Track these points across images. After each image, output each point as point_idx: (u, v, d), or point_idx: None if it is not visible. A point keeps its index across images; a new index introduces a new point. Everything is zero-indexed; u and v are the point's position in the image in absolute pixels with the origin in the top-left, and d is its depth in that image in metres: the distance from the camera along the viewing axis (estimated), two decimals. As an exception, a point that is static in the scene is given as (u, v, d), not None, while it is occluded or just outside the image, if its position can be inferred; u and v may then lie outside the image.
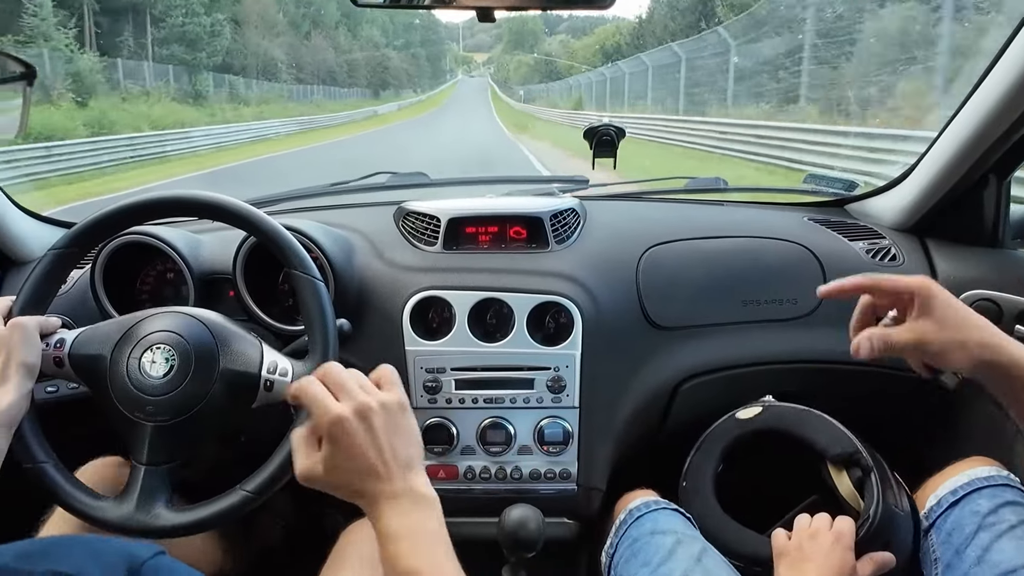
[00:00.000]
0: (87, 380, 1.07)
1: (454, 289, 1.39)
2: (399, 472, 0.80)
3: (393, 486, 0.79)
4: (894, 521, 1.15)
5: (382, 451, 0.79)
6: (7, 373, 0.97)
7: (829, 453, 1.25)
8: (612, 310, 1.42)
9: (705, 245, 1.54)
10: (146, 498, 1.02)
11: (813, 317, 1.49)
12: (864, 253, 1.54)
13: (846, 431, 1.26)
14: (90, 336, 1.09)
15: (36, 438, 1.03)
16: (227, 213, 1.09)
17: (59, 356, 1.05)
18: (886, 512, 1.14)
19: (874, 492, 1.17)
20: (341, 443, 0.78)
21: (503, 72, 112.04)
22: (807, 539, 1.10)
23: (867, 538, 1.11)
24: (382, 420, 0.81)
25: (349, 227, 1.52)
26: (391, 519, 0.78)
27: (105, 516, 1.01)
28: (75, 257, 1.10)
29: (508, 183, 1.86)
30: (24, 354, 0.99)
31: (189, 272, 1.35)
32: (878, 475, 1.19)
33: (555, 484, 1.41)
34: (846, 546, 1.07)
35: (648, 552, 1.21)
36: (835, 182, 1.80)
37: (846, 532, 1.09)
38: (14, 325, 1.00)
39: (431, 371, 1.37)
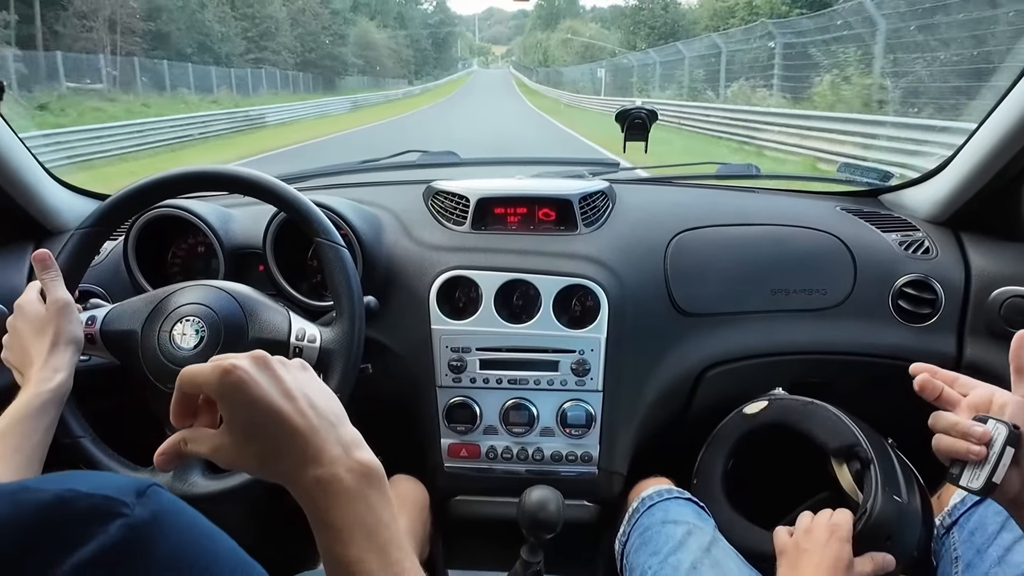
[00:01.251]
0: (119, 355, 1.09)
1: (481, 269, 1.39)
2: (326, 430, 0.65)
3: (326, 452, 0.63)
4: (897, 514, 1.13)
5: (293, 399, 0.64)
6: (57, 349, 0.99)
7: (829, 446, 1.23)
8: (639, 295, 1.42)
9: (735, 232, 1.53)
10: (182, 467, 1.04)
11: (842, 308, 1.48)
12: (897, 245, 1.51)
13: (850, 423, 1.24)
14: (120, 312, 1.11)
15: (72, 413, 1.05)
16: (250, 185, 1.11)
17: (91, 333, 1.08)
18: (886, 505, 1.12)
19: (872, 484, 1.14)
20: (239, 398, 0.63)
21: (534, 55, 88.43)
22: (803, 535, 1.10)
23: (866, 531, 1.09)
24: (285, 370, 0.67)
25: (378, 205, 1.53)
26: (334, 508, 0.62)
27: None
28: (102, 235, 1.12)
29: (538, 164, 1.85)
30: (71, 330, 1.02)
31: (220, 246, 1.36)
32: (879, 468, 1.16)
33: (576, 467, 1.42)
34: (841, 538, 1.06)
35: (659, 541, 1.21)
36: (869, 171, 1.77)
37: (841, 524, 1.08)
38: (55, 301, 1.02)
39: (456, 350, 1.38)
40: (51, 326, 1.00)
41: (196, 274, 1.46)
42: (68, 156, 11.25)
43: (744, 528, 1.26)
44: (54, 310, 1.01)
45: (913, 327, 1.47)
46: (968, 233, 1.54)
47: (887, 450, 1.23)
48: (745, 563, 1.18)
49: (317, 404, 0.66)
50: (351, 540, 0.61)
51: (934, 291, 1.46)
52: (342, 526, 0.62)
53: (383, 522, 0.63)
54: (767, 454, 1.37)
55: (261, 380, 0.64)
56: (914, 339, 1.46)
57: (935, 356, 1.45)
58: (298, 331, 1.06)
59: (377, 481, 0.65)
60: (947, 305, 1.46)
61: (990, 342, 1.43)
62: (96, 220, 1.10)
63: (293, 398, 0.64)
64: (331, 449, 0.64)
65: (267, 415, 0.63)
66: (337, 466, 0.63)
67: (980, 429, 0.83)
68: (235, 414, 0.64)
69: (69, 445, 1.04)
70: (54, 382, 0.96)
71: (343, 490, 0.63)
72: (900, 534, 1.13)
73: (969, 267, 1.48)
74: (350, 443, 0.66)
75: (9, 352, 1.03)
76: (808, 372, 1.50)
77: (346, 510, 0.62)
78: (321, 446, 0.64)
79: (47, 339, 0.99)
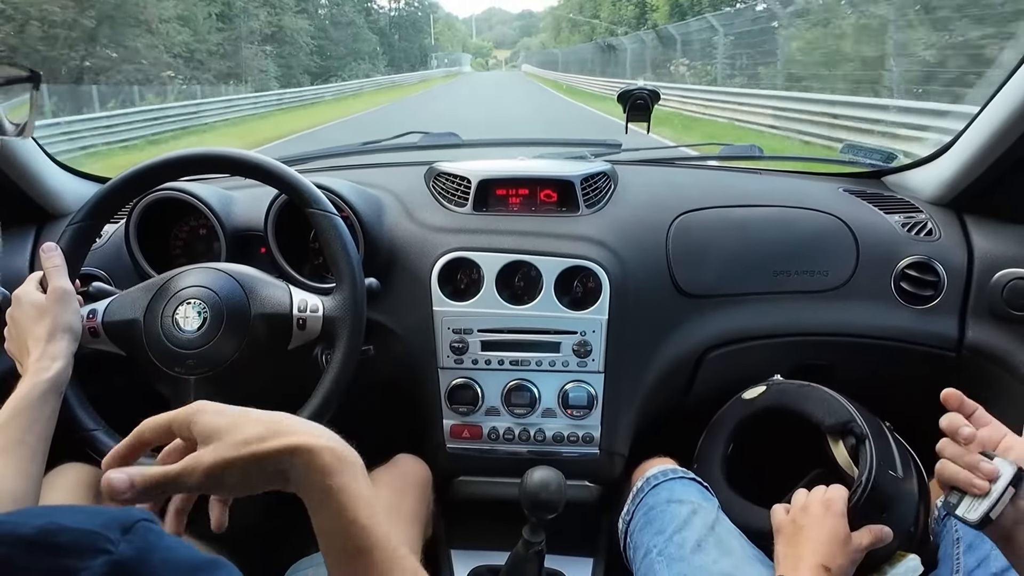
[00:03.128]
0: (124, 345, 1.10)
1: (483, 251, 1.39)
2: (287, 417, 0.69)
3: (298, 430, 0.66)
4: (892, 487, 1.14)
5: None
6: (54, 337, 1.00)
7: (825, 424, 1.24)
8: (641, 276, 1.41)
9: (737, 213, 1.52)
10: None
11: (843, 290, 1.48)
12: (899, 227, 1.51)
13: (844, 402, 1.25)
14: (120, 303, 1.12)
15: (82, 406, 1.06)
16: (237, 164, 1.11)
17: (93, 327, 1.08)
18: (880, 478, 1.12)
19: (868, 458, 1.15)
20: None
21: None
22: (799, 512, 1.10)
23: (860, 504, 1.10)
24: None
25: (380, 186, 1.53)
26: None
27: None
28: (96, 228, 1.13)
29: (539, 145, 1.85)
30: (68, 319, 1.02)
31: (221, 228, 1.37)
32: (873, 443, 1.17)
33: (578, 447, 1.42)
34: (836, 512, 1.07)
35: (663, 520, 1.22)
36: (873, 153, 1.76)
37: (835, 499, 1.09)
38: (54, 291, 1.02)
39: (458, 332, 1.38)
40: (49, 315, 1.00)
41: (198, 256, 1.46)
42: (81, 147, 11.09)
43: (743, 507, 1.27)
44: (53, 299, 1.02)
45: (915, 309, 1.47)
46: (971, 215, 1.54)
47: (883, 430, 1.24)
48: (748, 541, 1.19)
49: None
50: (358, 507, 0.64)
51: (936, 273, 1.45)
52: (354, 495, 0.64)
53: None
54: (766, 437, 1.37)
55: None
56: (916, 321, 1.46)
57: (937, 338, 1.46)
58: (300, 303, 1.07)
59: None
60: (949, 287, 1.45)
61: (992, 324, 1.43)
62: (86, 214, 1.10)
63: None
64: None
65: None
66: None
67: (989, 466, 0.84)
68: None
69: (83, 439, 1.04)
70: (52, 371, 0.97)
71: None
72: (896, 508, 1.13)
73: (972, 249, 1.48)
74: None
75: (9, 342, 1.04)
76: (810, 354, 1.50)
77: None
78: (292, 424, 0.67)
79: (44, 328, 1.00)
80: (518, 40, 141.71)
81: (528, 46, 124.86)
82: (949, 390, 0.92)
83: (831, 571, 1.03)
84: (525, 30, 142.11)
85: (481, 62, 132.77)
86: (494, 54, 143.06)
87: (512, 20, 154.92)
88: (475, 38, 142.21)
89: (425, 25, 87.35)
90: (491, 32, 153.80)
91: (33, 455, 0.91)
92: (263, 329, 1.06)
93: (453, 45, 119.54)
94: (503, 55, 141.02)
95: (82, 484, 1.14)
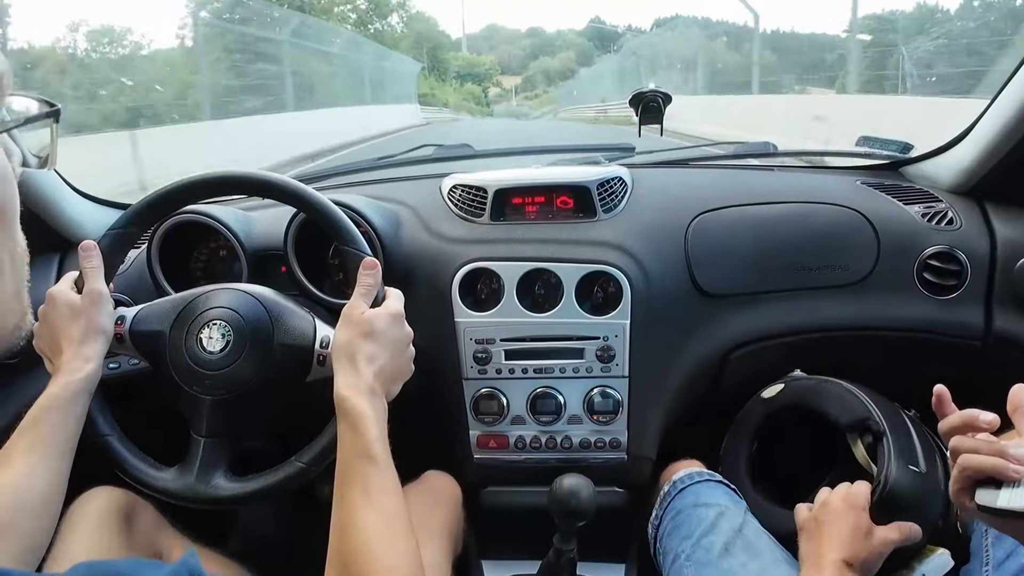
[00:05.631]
0: (147, 355, 1.10)
1: (502, 260, 1.39)
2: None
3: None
4: (913, 483, 1.12)
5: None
6: (88, 339, 1.00)
7: (841, 422, 1.23)
8: (661, 278, 1.41)
9: (755, 211, 1.51)
10: (205, 469, 1.05)
11: (866, 283, 1.47)
12: (919, 217, 1.49)
13: (862, 397, 1.24)
14: (149, 313, 1.11)
15: (101, 412, 1.06)
16: (278, 190, 1.10)
17: (120, 333, 1.08)
18: (901, 474, 1.11)
19: (886, 455, 1.14)
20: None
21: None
22: (821, 508, 1.10)
23: (882, 501, 1.09)
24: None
25: (396, 200, 1.53)
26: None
27: (167, 486, 1.05)
28: (133, 236, 1.12)
29: (553, 152, 1.84)
30: (102, 321, 1.02)
31: (241, 249, 1.37)
32: (892, 439, 1.16)
33: (605, 453, 1.42)
34: (857, 506, 1.06)
35: (691, 524, 1.21)
36: (889, 144, 1.74)
37: (857, 493, 1.09)
38: (90, 292, 1.02)
39: (481, 342, 1.38)
40: (83, 316, 1.00)
41: (219, 277, 1.47)
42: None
43: (768, 510, 1.26)
44: (89, 300, 1.01)
45: (939, 299, 1.45)
46: (992, 202, 1.52)
47: (903, 421, 1.22)
48: (777, 543, 1.18)
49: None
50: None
51: (959, 262, 1.44)
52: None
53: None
54: (789, 436, 1.37)
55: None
56: (941, 311, 1.45)
57: (963, 328, 1.44)
58: (323, 338, 1.06)
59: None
60: (973, 276, 1.44)
61: (1018, 312, 1.42)
62: (128, 221, 1.10)
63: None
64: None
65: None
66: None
67: (1018, 451, 0.79)
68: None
69: (96, 444, 1.04)
70: (84, 371, 0.97)
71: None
72: (920, 504, 1.12)
73: (994, 236, 1.46)
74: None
75: (40, 340, 1.03)
76: (834, 349, 1.49)
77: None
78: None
79: (79, 328, 1.00)
80: (527, 63, 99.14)
81: (546, 69, 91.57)
82: (941, 387, 0.90)
83: (853, 566, 1.02)
84: (537, 49, 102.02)
85: (478, 97, 72.26)
86: (498, 81, 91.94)
87: (520, 38, 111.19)
88: (465, 51, 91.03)
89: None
90: (493, 53, 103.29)
91: (61, 453, 0.93)
92: (283, 358, 1.06)
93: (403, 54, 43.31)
94: (511, 82, 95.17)
95: (113, 509, 1.14)
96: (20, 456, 0.90)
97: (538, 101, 77.28)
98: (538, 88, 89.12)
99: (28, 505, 0.87)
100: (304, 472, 1.04)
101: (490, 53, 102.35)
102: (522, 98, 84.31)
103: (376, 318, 0.97)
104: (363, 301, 0.99)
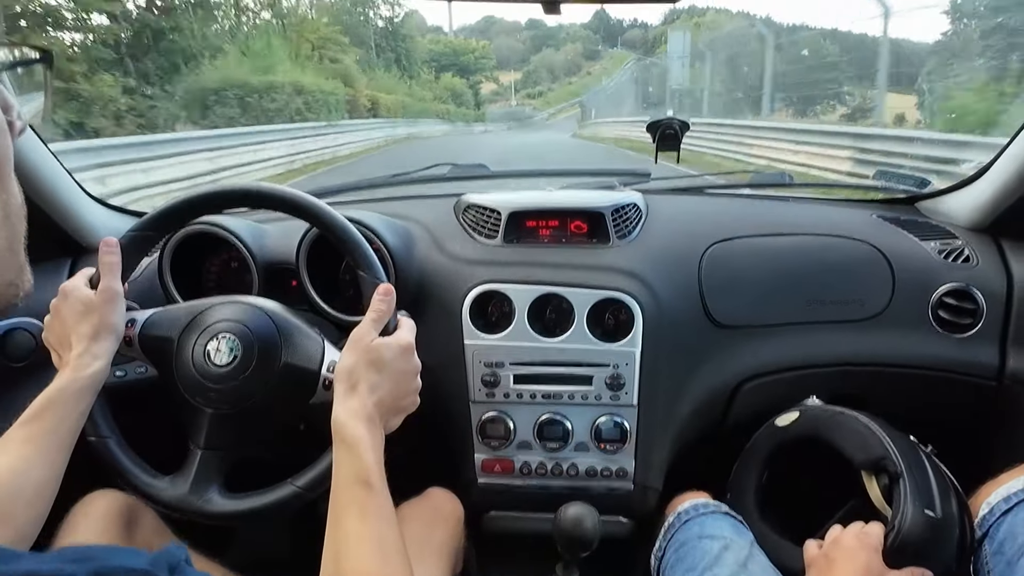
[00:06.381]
0: (154, 361, 1.09)
1: (514, 283, 1.38)
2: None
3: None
4: (928, 529, 1.09)
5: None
6: (99, 337, 1.00)
7: (856, 460, 1.21)
8: (673, 307, 1.40)
9: (769, 242, 1.51)
10: (200, 481, 1.04)
11: (880, 319, 1.45)
12: (936, 253, 1.48)
13: (880, 434, 1.21)
14: (159, 318, 1.11)
15: (103, 413, 1.05)
16: (301, 209, 1.09)
17: (130, 336, 1.08)
18: (916, 519, 1.08)
19: (902, 499, 1.11)
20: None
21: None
22: (831, 546, 1.08)
23: (896, 546, 1.06)
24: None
25: (410, 218, 1.53)
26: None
27: (160, 495, 1.04)
28: (152, 240, 1.12)
29: (568, 176, 1.84)
30: (114, 320, 1.02)
31: (253, 262, 1.37)
32: (908, 481, 1.13)
33: (611, 482, 1.41)
34: (870, 547, 1.04)
35: (694, 557, 1.19)
36: (906, 179, 1.74)
37: (871, 533, 1.06)
38: (105, 290, 1.02)
39: (489, 365, 1.37)
40: (96, 313, 1.00)
41: (230, 289, 1.46)
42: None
43: (775, 543, 1.24)
44: (103, 298, 1.01)
45: (954, 337, 1.44)
46: (1009, 240, 1.51)
47: (920, 460, 1.20)
48: None
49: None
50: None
51: (975, 300, 1.43)
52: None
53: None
54: (801, 466, 1.35)
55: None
56: (955, 350, 1.43)
57: (977, 367, 1.43)
58: (330, 363, 1.05)
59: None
60: (989, 315, 1.42)
61: None
62: (149, 225, 1.10)
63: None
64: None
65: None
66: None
67: None
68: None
69: (94, 443, 1.04)
70: (92, 368, 0.97)
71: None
72: (933, 549, 1.09)
73: (1011, 275, 1.45)
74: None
75: (50, 333, 1.03)
76: (847, 384, 1.48)
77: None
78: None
79: (90, 325, 1.00)
80: (528, 57, 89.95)
81: (550, 63, 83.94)
82: None
83: None
84: (541, 40, 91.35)
85: (455, 86, 56.27)
86: (494, 76, 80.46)
87: (519, 30, 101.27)
88: (451, 34, 78.59)
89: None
90: (490, 46, 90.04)
91: (61, 446, 0.93)
92: (289, 379, 1.05)
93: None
94: (509, 79, 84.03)
95: (114, 513, 1.14)
96: (19, 445, 0.90)
97: (543, 101, 69.56)
98: (542, 84, 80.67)
99: (23, 493, 0.87)
100: (299, 496, 1.03)
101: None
102: (523, 96, 77.01)
103: (384, 348, 0.96)
104: (373, 328, 0.98)
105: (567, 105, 57.96)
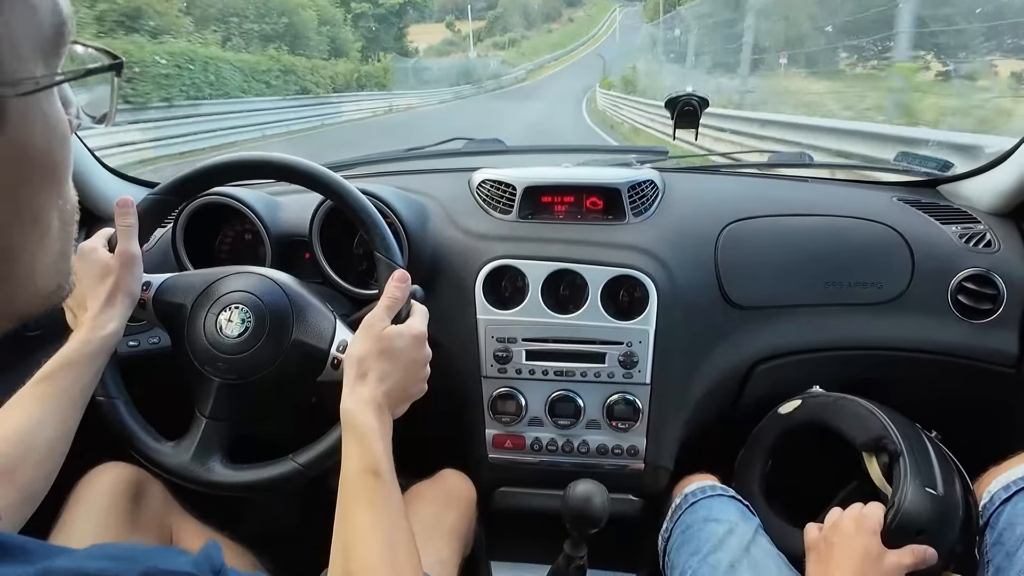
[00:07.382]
0: (166, 326, 1.10)
1: (528, 259, 1.37)
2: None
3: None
4: (930, 507, 1.08)
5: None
6: (114, 299, 1.00)
7: (857, 440, 1.20)
8: (688, 286, 1.38)
9: (787, 223, 1.49)
10: (203, 450, 1.05)
11: (898, 303, 1.43)
12: (956, 238, 1.46)
13: (880, 416, 1.21)
14: (174, 284, 1.11)
15: (113, 374, 1.06)
16: (321, 184, 1.08)
17: (144, 299, 1.08)
18: (917, 497, 1.08)
19: (901, 477, 1.11)
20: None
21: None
22: (831, 529, 1.07)
23: (896, 524, 1.06)
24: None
25: (424, 193, 1.52)
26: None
27: (162, 460, 1.05)
28: (170, 206, 1.12)
29: (585, 152, 1.82)
30: (130, 283, 1.02)
31: (267, 234, 1.36)
32: (908, 459, 1.12)
33: (622, 460, 1.40)
34: (868, 529, 1.03)
35: (699, 539, 1.19)
36: (928, 161, 1.71)
37: (869, 515, 1.05)
38: (122, 253, 1.02)
39: (502, 340, 1.37)
40: (112, 276, 1.01)
41: (243, 261, 1.46)
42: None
43: (780, 528, 1.24)
44: (120, 261, 1.01)
45: (973, 323, 1.42)
46: None
47: (922, 442, 1.19)
48: (786, 563, 1.16)
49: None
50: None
51: (996, 286, 1.40)
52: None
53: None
54: (805, 452, 1.34)
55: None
56: (974, 336, 1.41)
57: (996, 354, 1.41)
58: (340, 342, 1.05)
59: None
60: (1009, 301, 1.40)
61: None
62: (168, 190, 1.10)
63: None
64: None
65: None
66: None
67: None
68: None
69: (103, 403, 1.04)
70: (106, 330, 0.98)
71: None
72: (936, 527, 1.08)
73: None
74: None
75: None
76: (862, 368, 1.46)
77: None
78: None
79: (106, 288, 1.00)
80: (495, 3, 72.19)
81: (524, 4, 68.61)
82: None
83: None
84: None
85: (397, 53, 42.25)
86: (457, 27, 67.97)
87: None
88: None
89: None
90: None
91: (72, 406, 0.94)
92: (298, 354, 1.05)
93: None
94: (468, 27, 70.59)
95: (122, 483, 1.14)
96: (32, 403, 0.91)
97: (516, 52, 53.21)
98: (514, 31, 63.32)
99: (34, 452, 0.88)
100: (299, 473, 1.03)
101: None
102: (488, 45, 59.79)
103: (396, 336, 0.96)
104: (386, 314, 0.97)
105: (551, 58, 48.15)
